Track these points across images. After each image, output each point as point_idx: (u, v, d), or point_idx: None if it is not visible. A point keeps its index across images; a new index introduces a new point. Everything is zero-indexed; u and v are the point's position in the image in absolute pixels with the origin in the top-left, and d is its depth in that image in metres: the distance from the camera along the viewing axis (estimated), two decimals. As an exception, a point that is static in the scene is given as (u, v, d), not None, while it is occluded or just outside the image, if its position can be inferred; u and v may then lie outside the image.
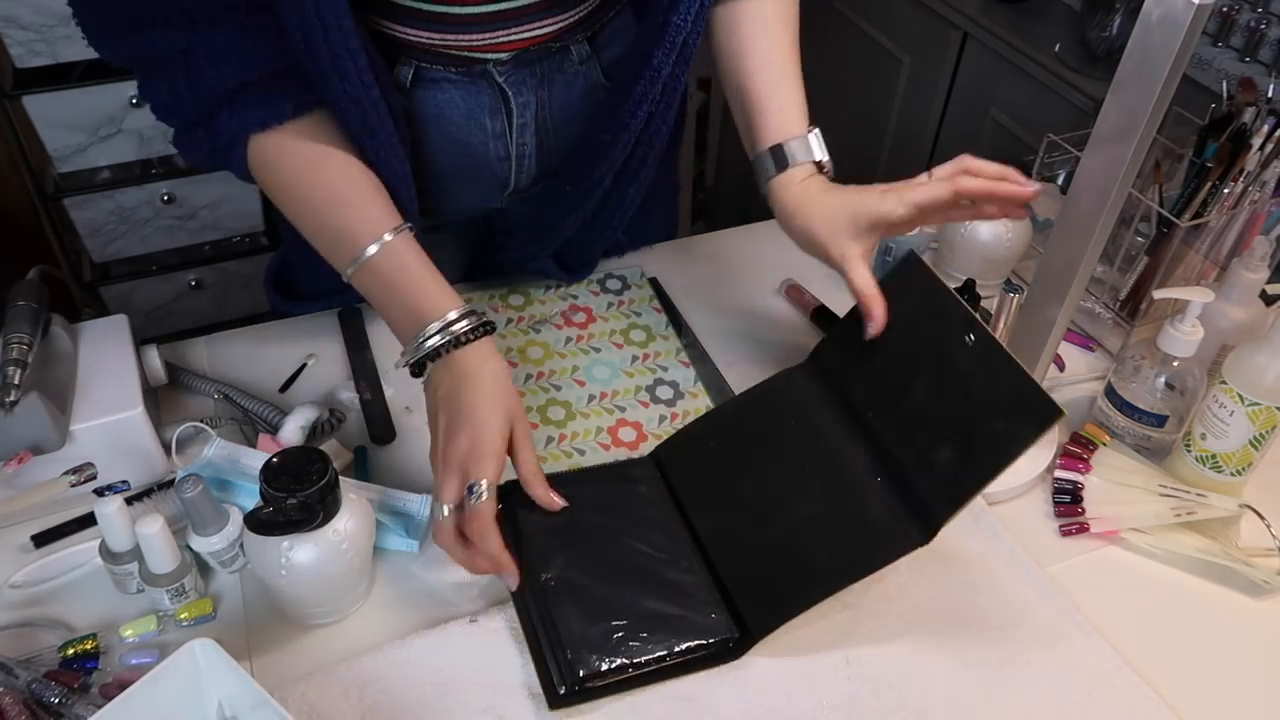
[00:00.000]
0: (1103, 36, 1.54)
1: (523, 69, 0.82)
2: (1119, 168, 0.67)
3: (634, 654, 0.68)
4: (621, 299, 1.02)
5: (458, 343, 0.71)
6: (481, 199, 0.93)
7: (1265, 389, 0.77)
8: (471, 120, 0.83)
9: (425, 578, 0.75)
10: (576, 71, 0.85)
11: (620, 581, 0.72)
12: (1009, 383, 0.69)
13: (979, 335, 0.72)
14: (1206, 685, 0.71)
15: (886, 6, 1.93)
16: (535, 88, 0.84)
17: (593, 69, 0.86)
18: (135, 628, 0.70)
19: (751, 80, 0.84)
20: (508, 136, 0.86)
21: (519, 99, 0.83)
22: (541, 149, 0.88)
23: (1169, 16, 0.60)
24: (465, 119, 0.83)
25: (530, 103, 0.84)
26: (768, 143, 0.83)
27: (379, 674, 0.68)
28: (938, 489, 0.69)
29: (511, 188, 0.91)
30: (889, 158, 2.04)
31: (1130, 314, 0.98)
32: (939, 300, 0.76)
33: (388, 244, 0.73)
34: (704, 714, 0.67)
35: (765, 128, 0.84)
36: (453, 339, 0.71)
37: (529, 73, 0.83)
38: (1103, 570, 0.79)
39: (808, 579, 0.71)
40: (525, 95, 0.84)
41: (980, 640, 0.72)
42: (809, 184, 0.82)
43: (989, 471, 0.67)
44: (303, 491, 0.64)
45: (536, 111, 0.85)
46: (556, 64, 0.84)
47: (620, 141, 0.85)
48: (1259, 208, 0.93)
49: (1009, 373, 0.69)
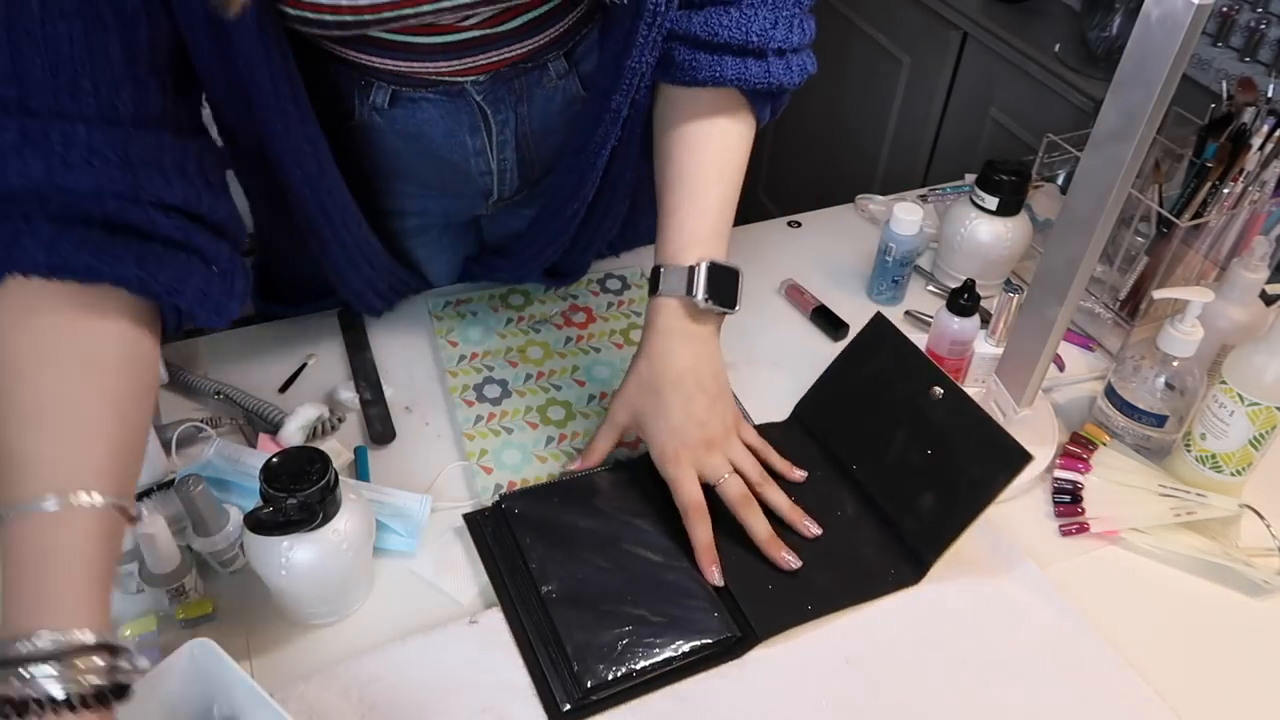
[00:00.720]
0: (1103, 36, 1.54)
1: (500, 86, 0.81)
2: (1119, 168, 0.67)
3: (639, 660, 0.68)
4: (621, 299, 1.02)
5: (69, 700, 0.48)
6: (466, 206, 0.93)
7: (1265, 389, 0.77)
8: (452, 138, 0.83)
9: (425, 578, 0.75)
10: (555, 86, 0.84)
11: (621, 587, 0.72)
12: (979, 432, 0.76)
13: (947, 388, 0.78)
14: (1206, 685, 0.71)
15: (886, 6, 1.93)
16: (514, 104, 0.83)
17: (571, 82, 0.85)
18: (135, 628, 0.70)
19: (665, 190, 0.81)
20: (489, 152, 0.85)
21: (497, 116, 0.83)
22: (523, 162, 0.88)
23: (1169, 16, 0.60)
24: (445, 137, 0.83)
25: (510, 119, 0.84)
26: (657, 258, 0.80)
27: (379, 674, 0.68)
28: (923, 533, 0.76)
29: (495, 197, 0.91)
30: (889, 158, 2.03)
31: (1130, 314, 0.98)
32: (907, 357, 0.82)
33: (73, 509, 0.52)
34: (704, 714, 0.67)
35: (660, 242, 0.80)
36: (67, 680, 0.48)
37: (507, 89, 0.82)
38: (1103, 570, 0.79)
39: (810, 595, 0.73)
40: (504, 112, 0.83)
41: (980, 640, 0.72)
42: (670, 326, 0.78)
43: (970, 515, 0.74)
44: (303, 491, 0.64)
45: (516, 127, 0.84)
46: (535, 79, 0.83)
47: (603, 148, 0.84)
48: (1259, 208, 0.93)
49: (978, 422, 0.76)
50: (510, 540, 0.75)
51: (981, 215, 1.01)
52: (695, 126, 0.80)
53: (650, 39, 0.75)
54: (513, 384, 0.91)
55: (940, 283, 1.08)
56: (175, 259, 0.62)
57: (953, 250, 1.05)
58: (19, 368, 0.56)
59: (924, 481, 0.77)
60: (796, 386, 0.89)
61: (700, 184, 0.79)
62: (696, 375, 0.77)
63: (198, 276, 0.63)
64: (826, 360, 0.88)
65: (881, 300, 1.05)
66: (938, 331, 0.90)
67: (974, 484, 0.74)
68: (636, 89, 0.79)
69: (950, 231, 1.04)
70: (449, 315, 0.98)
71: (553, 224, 0.90)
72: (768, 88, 0.78)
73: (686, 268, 0.77)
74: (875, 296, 1.05)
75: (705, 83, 0.77)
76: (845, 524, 0.78)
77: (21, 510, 0.52)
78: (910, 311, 1.05)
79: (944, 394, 0.78)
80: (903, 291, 1.05)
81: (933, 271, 1.09)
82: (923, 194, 1.23)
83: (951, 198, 1.21)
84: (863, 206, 1.20)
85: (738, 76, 0.77)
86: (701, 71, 0.77)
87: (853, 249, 1.13)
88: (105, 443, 0.56)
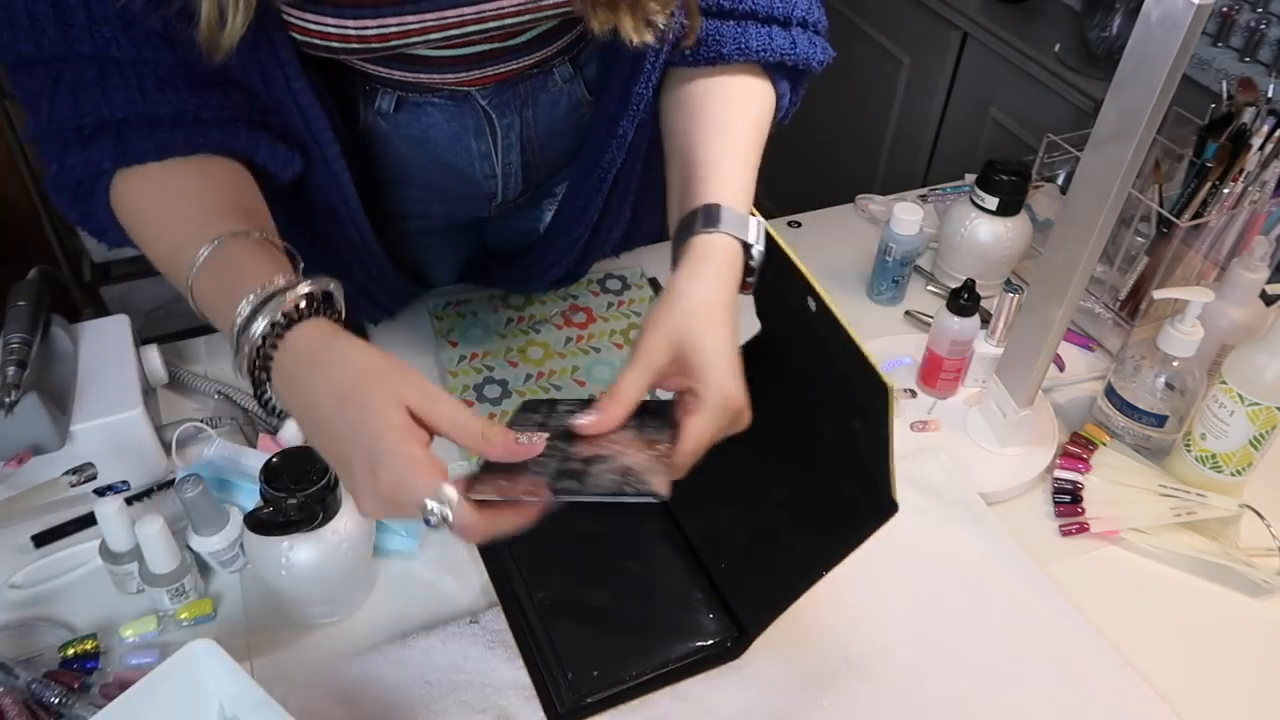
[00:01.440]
0: (1103, 36, 1.54)
1: (506, 91, 0.81)
2: (1119, 168, 0.67)
3: (635, 665, 0.68)
4: (621, 299, 1.02)
5: (289, 322, 0.56)
6: (469, 209, 0.93)
7: (1265, 389, 0.77)
8: (456, 142, 0.83)
9: (425, 578, 0.75)
10: (560, 90, 0.84)
11: (615, 593, 0.72)
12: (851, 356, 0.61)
13: (817, 302, 0.63)
14: (1206, 685, 0.71)
15: (886, 6, 1.93)
16: (519, 108, 0.83)
17: (576, 86, 0.85)
18: (135, 628, 0.70)
19: (702, 143, 0.72)
20: (493, 156, 0.85)
21: (502, 120, 0.83)
22: (528, 166, 0.88)
23: (1169, 16, 0.60)
24: (450, 141, 0.83)
25: (515, 123, 0.83)
26: (708, 198, 0.67)
27: (379, 674, 0.68)
28: (875, 461, 0.63)
29: (499, 200, 0.91)
30: (889, 158, 2.04)
31: (1130, 314, 0.98)
32: (788, 275, 0.67)
33: (230, 239, 0.61)
34: (704, 714, 0.67)
35: (698, 184, 0.69)
36: (279, 318, 0.56)
37: (512, 94, 0.81)
38: (1103, 570, 0.79)
39: (791, 569, 0.69)
40: (509, 117, 0.83)
41: (980, 640, 0.72)
42: (724, 263, 0.65)
43: (885, 433, 0.60)
44: (303, 491, 0.64)
45: (521, 131, 0.84)
46: (540, 84, 0.82)
47: (609, 172, 0.84)
48: (1259, 208, 0.93)
49: (848, 345, 0.61)
50: (505, 546, 0.75)
51: (981, 215, 1.01)
52: (729, 85, 0.75)
53: (657, 64, 0.76)
54: (513, 384, 0.91)
55: (940, 283, 1.08)
56: (246, 128, 0.71)
57: (953, 250, 1.05)
58: (155, 203, 0.67)
59: (842, 408, 0.66)
60: (796, 386, 0.89)
61: (742, 140, 0.72)
62: (736, 323, 0.64)
63: (265, 138, 0.72)
64: (826, 360, 0.88)
65: (881, 300, 1.05)
66: (938, 331, 0.90)
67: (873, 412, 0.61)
68: (642, 112, 0.79)
69: (950, 231, 1.04)
70: (449, 315, 0.98)
71: (560, 243, 0.91)
72: (795, 61, 0.76)
73: (747, 214, 0.67)
74: (875, 296, 1.05)
75: (731, 57, 0.74)
76: (820, 466, 0.69)
77: (199, 262, 0.61)
78: (910, 311, 1.05)
79: (817, 308, 0.64)
80: (903, 291, 1.05)
81: (933, 271, 1.09)
82: (923, 194, 1.23)
83: (951, 198, 1.21)
84: (863, 206, 1.20)
85: (763, 47, 0.74)
86: (727, 45, 0.74)
87: (853, 249, 1.13)
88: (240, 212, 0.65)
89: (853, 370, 0.60)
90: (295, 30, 0.66)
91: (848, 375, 0.62)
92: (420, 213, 0.92)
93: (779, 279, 0.69)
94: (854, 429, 0.65)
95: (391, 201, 0.89)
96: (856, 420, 0.64)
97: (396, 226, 0.93)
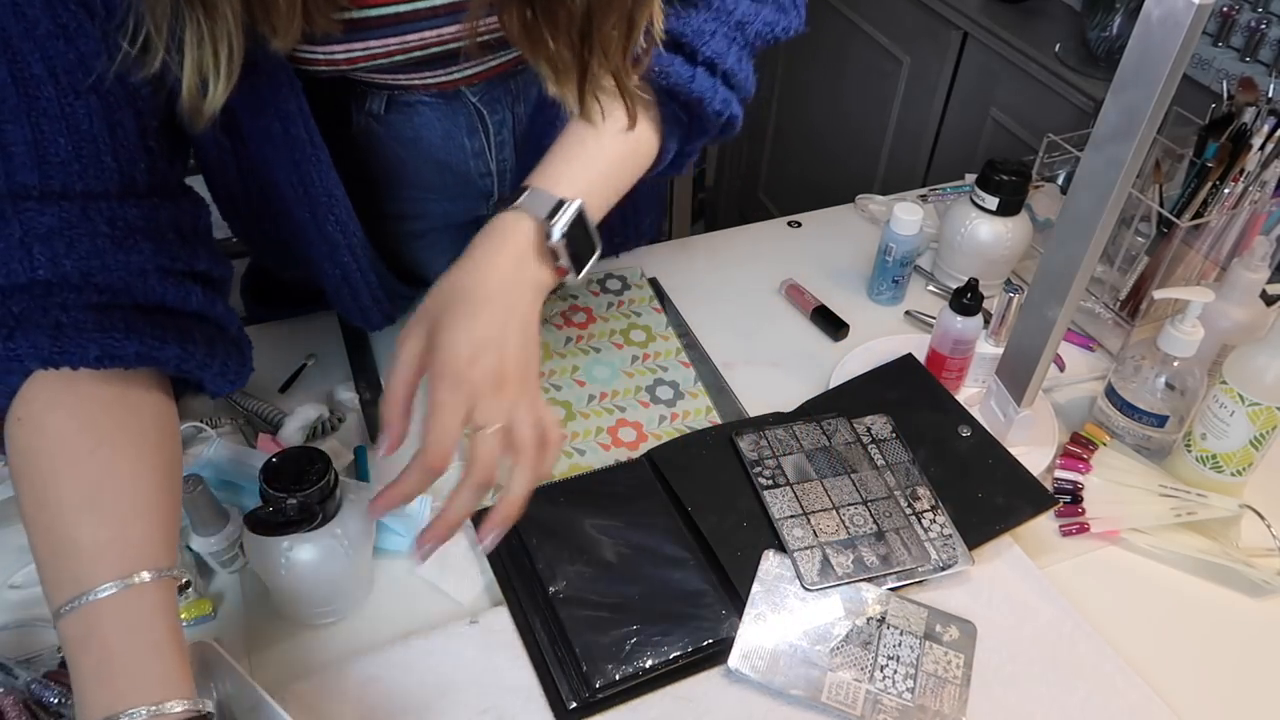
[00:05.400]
0: (1103, 36, 1.54)
1: (496, 87, 0.81)
2: (1119, 168, 0.67)
3: (648, 658, 0.68)
4: (621, 299, 1.02)
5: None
6: (467, 208, 0.93)
7: (1265, 389, 0.77)
8: (450, 140, 0.83)
9: (425, 578, 0.75)
10: None
11: (629, 587, 0.72)
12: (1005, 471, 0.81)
13: (975, 429, 0.82)
14: (1206, 685, 0.71)
15: (886, 6, 1.93)
16: (511, 104, 0.83)
17: None
18: (135, 628, 0.70)
19: (561, 139, 0.71)
20: (488, 153, 0.85)
21: (494, 117, 0.82)
22: (523, 161, 0.88)
23: (1169, 16, 0.60)
24: (443, 139, 0.83)
25: (507, 119, 0.83)
26: (525, 181, 0.68)
27: (379, 674, 0.68)
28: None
29: (496, 198, 0.91)
30: (889, 158, 2.03)
31: (1130, 314, 0.98)
32: (936, 392, 0.86)
33: (136, 588, 0.54)
34: (704, 714, 0.67)
35: (535, 171, 0.69)
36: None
37: (503, 90, 0.81)
38: (1103, 570, 0.79)
39: None
40: (501, 113, 0.83)
41: (980, 640, 0.72)
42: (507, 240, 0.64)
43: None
44: (303, 491, 0.64)
45: (514, 127, 0.84)
46: (530, 79, 0.82)
47: None
48: (1259, 208, 0.93)
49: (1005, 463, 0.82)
50: (516, 540, 0.75)
51: (982, 215, 1.01)
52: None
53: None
54: (513, 384, 0.91)
55: (940, 283, 1.08)
56: (205, 333, 0.64)
57: (953, 250, 1.05)
58: (70, 452, 0.56)
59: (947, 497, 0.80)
60: (796, 386, 0.89)
61: (603, 148, 0.70)
62: (512, 305, 0.63)
63: (220, 348, 0.65)
64: (827, 360, 0.88)
65: (882, 300, 1.05)
66: (941, 331, 0.90)
67: (998, 510, 0.78)
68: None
69: (950, 231, 1.04)
70: (449, 315, 0.98)
71: None
72: (688, 96, 0.72)
73: (557, 197, 0.66)
74: (875, 297, 1.05)
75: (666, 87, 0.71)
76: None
77: (89, 600, 0.53)
78: (910, 311, 1.04)
79: (970, 434, 0.82)
80: (903, 291, 1.05)
81: (933, 271, 1.09)
82: (923, 194, 1.23)
83: (951, 198, 1.21)
84: (863, 206, 1.20)
85: (662, 71, 0.70)
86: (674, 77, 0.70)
87: (853, 249, 1.13)
88: (159, 518, 0.58)
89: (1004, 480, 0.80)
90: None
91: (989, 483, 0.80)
92: (418, 213, 0.92)
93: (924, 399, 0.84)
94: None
95: (389, 203, 0.89)
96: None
97: (395, 228, 0.92)
